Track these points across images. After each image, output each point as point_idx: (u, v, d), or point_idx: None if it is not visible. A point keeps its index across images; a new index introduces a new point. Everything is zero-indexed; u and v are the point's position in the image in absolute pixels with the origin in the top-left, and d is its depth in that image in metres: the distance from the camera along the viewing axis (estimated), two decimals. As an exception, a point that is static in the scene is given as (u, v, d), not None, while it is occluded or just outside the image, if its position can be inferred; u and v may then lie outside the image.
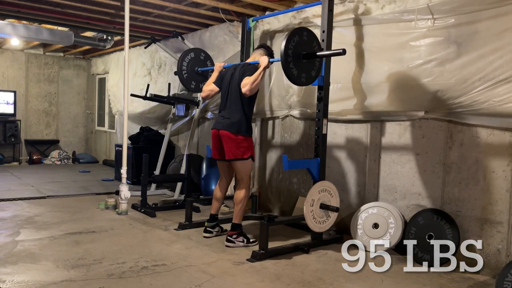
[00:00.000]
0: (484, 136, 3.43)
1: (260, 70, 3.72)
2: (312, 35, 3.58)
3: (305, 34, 3.49)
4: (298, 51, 3.44)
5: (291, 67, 3.42)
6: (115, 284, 2.94)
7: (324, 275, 3.26)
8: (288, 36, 3.36)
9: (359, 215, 4.07)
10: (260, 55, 3.99)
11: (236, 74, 3.92)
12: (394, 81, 3.88)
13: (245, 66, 3.94)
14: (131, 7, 4.99)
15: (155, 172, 6.21)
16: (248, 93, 3.74)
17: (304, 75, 3.54)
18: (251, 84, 3.69)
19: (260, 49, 4.10)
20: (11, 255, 3.43)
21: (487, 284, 3.23)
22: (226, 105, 3.95)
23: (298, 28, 3.52)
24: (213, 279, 3.09)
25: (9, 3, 5.31)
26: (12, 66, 9.42)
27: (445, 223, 3.55)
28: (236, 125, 3.82)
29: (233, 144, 3.83)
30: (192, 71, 4.91)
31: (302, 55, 3.48)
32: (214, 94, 4.13)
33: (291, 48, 3.38)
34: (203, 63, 5.04)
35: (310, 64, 3.57)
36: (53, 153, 9.54)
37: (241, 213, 3.93)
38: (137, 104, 7.69)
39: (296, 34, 3.42)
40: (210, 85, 4.12)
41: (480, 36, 3.34)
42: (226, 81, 4.00)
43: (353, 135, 4.42)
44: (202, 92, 4.18)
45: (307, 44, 3.53)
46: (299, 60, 3.46)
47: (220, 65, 4.25)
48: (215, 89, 4.08)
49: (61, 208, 5.15)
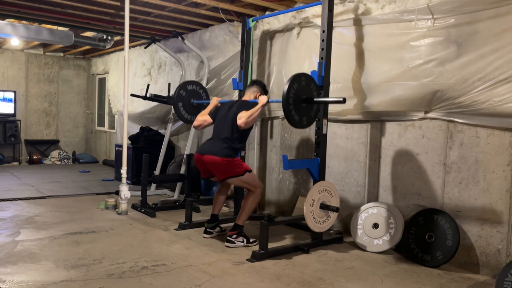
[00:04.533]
0: (484, 136, 3.43)
1: (259, 106, 3.81)
2: (309, 79, 3.65)
3: (303, 79, 3.57)
4: (297, 98, 3.53)
5: (293, 114, 3.51)
6: (115, 284, 2.94)
7: (324, 275, 3.26)
8: (288, 86, 3.43)
9: (359, 215, 4.07)
10: (255, 93, 4.12)
11: (233, 109, 3.98)
12: (394, 81, 3.88)
13: (243, 103, 4.03)
14: (131, 7, 4.99)
15: (155, 172, 6.21)
16: (243, 126, 3.80)
17: (305, 118, 3.64)
18: (248, 118, 3.76)
19: (254, 86, 4.18)
20: (11, 255, 3.43)
21: (487, 284, 3.23)
22: (218, 134, 3.99)
23: (296, 75, 3.56)
24: (213, 279, 3.10)
25: (9, 3, 5.31)
26: (12, 66, 9.42)
27: (445, 223, 3.55)
28: (222, 151, 3.83)
29: (220, 167, 3.85)
30: (188, 104, 4.90)
31: (302, 99, 3.57)
32: (206, 125, 4.18)
33: (291, 97, 3.46)
34: (200, 96, 5.01)
35: (309, 106, 3.66)
36: (53, 153, 9.54)
37: (246, 216, 3.95)
38: (137, 104, 7.68)
39: (295, 82, 3.49)
40: (204, 115, 4.17)
41: (480, 36, 3.34)
42: (221, 114, 4.05)
43: (353, 135, 4.42)
44: (195, 121, 4.22)
45: (305, 88, 3.60)
46: (299, 105, 3.55)
47: (217, 99, 4.33)
48: (208, 120, 4.13)
49: (61, 208, 5.15)
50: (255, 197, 3.93)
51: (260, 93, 4.15)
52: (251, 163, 5.43)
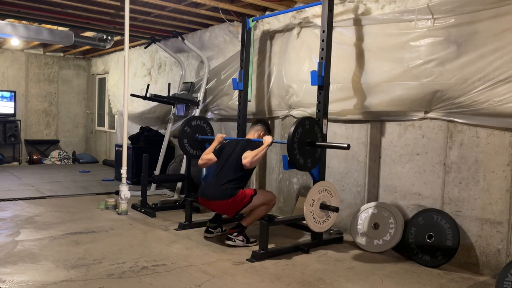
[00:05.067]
0: (484, 136, 3.43)
1: (264, 147, 3.85)
2: (313, 122, 3.69)
3: (307, 123, 3.62)
4: (302, 141, 3.57)
5: (298, 158, 3.54)
6: (115, 284, 2.94)
7: (324, 275, 3.26)
8: (292, 132, 3.47)
9: (359, 215, 4.07)
10: (259, 131, 4.17)
11: (238, 148, 4.01)
12: (394, 81, 3.88)
13: (248, 142, 4.07)
14: (131, 7, 4.99)
15: (155, 172, 6.21)
16: (248, 165, 3.83)
17: (310, 161, 3.67)
18: (253, 158, 3.79)
19: (258, 125, 4.22)
20: (11, 255, 3.43)
21: (487, 284, 3.23)
22: (220, 174, 3.98)
23: (301, 119, 3.59)
24: (213, 279, 3.09)
25: (9, 3, 5.31)
26: (12, 66, 9.42)
27: (445, 223, 3.55)
28: (226, 192, 3.82)
29: (228, 207, 3.87)
30: (192, 139, 4.90)
31: (307, 143, 3.61)
32: (211, 163, 4.20)
33: (296, 142, 3.50)
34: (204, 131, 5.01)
35: (313, 149, 3.69)
36: (53, 153, 9.54)
37: (252, 221, 3.96)
38: (137, 104, 7.69)
39: (299, 127, 3.54)
40: (209, 154, 4.20)
41: (480, 36, 3.34)
42: (226, 153, 4.08)
43: (353, 135, 4.42)
44: (200, 159, 4.25)
45: (309, 131, 3.64)
46: (303, 149, 3.59)
47: (221, 136, 4.36)
48: (213, 159, 4.16)
49: (61, 208, 5.15)
50: (269, 207, 3.96)
51: (264, 132, 4.19)
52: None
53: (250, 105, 5.24)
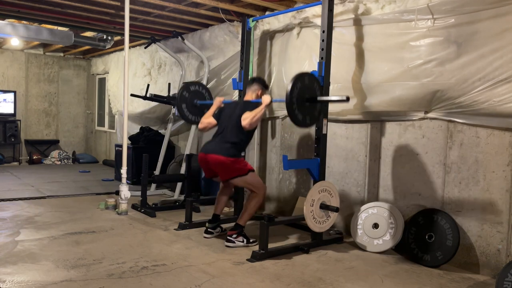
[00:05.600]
0: (484, 136, 3.43)
1: (262, 107, 3.82)
2: (312, 78, 3.64)
3: (306, 79, 3.57)
4: (301, 97, 3.52)
5: (296, 113, 3.51)
6: (115, 284, 2.94)
7: (324, 275, 3.26)
8: (291, 85, 3.42)
9: (359, 215, 4.07)
10: (256, 91, 4.12)
11: (237, 109, 3.99)
12: (394, 81, 3.88)
13: (246, 103, 4.03)
14: (131, 7, 4.99)
15: (155, 172, 6.21)
16: (248, 127, 3.81)
17: (309, 118, 3.64)
18: (252, 119, 3.77)
19: (254, 84, 4.17)
20: (11, 255, 3.43)
21: (487, 284, 3.23)
22: (221, 134, 4.00)
23: (299, 74, 3.55)
24: (213, 279, 3.10)
25: (9, 3, 5.31)
26: (12, 66, 9.42)
27: (445, 223, 3.55)
28: (225, 150, 3.84)
29: (223, 167, 3.86)
30: (191, 104, 4.89)
31: (305, 98, 3.57)
32: (211, 127, 4.19)
33: (294, 96, 3.46)
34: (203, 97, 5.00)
35: (313, 106, 3.66)
36: (53, 153, 9.54)
37: (247, 217, 3.95)
38: (137, 104, 7.69)
39: (298, 81, 3.49)
40: (209, 117, 4.19)
41: (480, 36, 3.34)
42: (225, 115, 4.06)
43: (353, 135, 4.42)
44: (200, 123, 4.24)
45: (309, 87, 3.60)
46: (303, 105, 3.54)
47: (220, 100, 4.35)
48: (213, 122, 4.15)
49: (61, 208, 5.15)
50: (259, 199, 3.93)
51: (261, 91, 4.15)
52: (251, 163, 5.43)
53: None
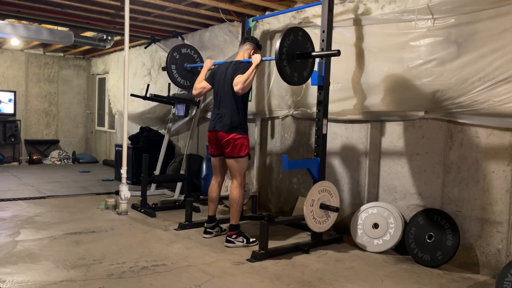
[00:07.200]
0: (484, 136, 3.43)
1: (252, 68, 3.71)
2: (306, 36, 3.58)
3: (300, 34, 3.52)
4: (292, 50, 3.46)
5: (285, 65, 3.45)
6: (115, 284, 2.94)
7: (324, 275, 3.26)
8: (283, 35, 3.38)
9: (359, 215, 4.07)
10: (248, 50, 3.99)
11: (229, 72, 3.88)
12: (394, 81, 3.88)
13: (237, 64, 3.90)
14: (131, 7, 4.99)
15: (155, 172, 6.21)
16: (241, 92, 3.73)
17: (296, 75, 3.58)
18: (243, 83, 3.68)
19: (246, 44, 4.03)
20: (11, 255, 3.43)
21: (487, 284, 3.23)
22: (220, 103, 3.93)
23: (293, 27, 3.53)
24: (213, 279, 3.09)
25: (9, 3, 5.31)
26: (12, 66, 9.42)
27: (445, 223, 3.55)
28: (230, 125, 3.82)
29: (229, 143, 3.83)
30: (181, 67, 4.78)
31: (296, 54, 3.51)
32: (206, 91, 4.12)
33: (285, 47, 3.41)
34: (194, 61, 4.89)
35: (303, 64, 3.61)
36: (53, 153, 9.54)
37: (237, 214, 3.91)
38: (137, 104, 7.69)
39: (291, 33, 3.44)
40: (201, 82, 4.09)
41: (480, 36, 3.34)
42: (218, 79, 3.97)
43: (353, 135, 4.42)
44: (194, 89, 4.14)
45: (301, 44, 3.56)
46: (293, 59, 3.48)
47: (210, 61, 4.25)
48: (207, 86, 4.06)
49: (61, 208, 5.15)
50: (240, 189, 3.87)
51: (253, 50, 4.01)
52: (251, 163, 5.43)
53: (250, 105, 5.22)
